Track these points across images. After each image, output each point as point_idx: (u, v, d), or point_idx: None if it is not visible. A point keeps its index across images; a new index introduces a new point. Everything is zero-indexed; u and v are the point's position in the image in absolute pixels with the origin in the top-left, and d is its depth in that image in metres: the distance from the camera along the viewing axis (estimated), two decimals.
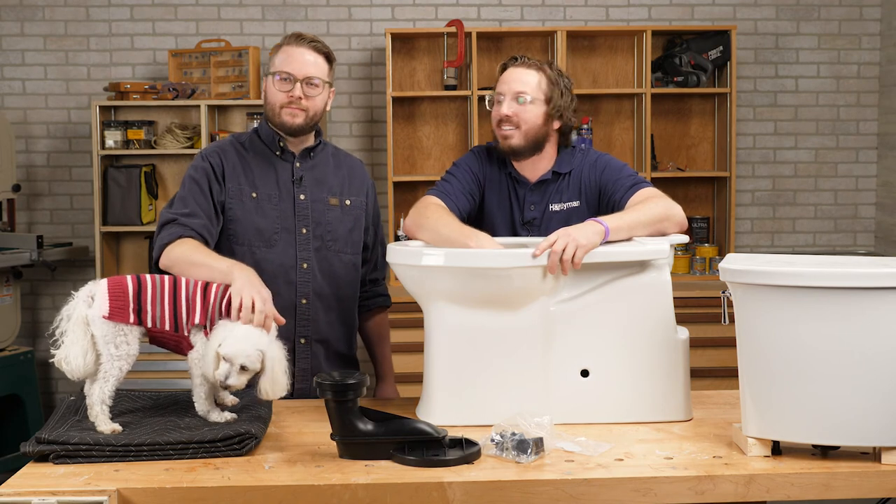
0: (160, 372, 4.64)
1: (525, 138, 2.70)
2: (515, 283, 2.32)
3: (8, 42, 5.42)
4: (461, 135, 5.46)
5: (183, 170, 5.34)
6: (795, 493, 2.01)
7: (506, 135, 2.70)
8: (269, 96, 2.71)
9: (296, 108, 2.67)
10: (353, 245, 2.79)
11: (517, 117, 2.68)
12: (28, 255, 4.95)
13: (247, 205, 2.68)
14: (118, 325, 2.16)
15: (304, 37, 2.70)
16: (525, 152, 2.72)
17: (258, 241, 2.67)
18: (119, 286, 2.19)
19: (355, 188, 2.82)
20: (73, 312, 2.17)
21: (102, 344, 2.16)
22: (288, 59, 2.67)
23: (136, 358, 2.20)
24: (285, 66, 2.67)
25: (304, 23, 5.42)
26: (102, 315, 2.15)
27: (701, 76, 5.24)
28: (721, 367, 4.66)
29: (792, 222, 5.62)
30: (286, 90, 2.66)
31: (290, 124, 2.69)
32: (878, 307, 1.98)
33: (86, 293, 2.18)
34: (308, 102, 2.67)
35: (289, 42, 2.70)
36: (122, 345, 2.16)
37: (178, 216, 2.58)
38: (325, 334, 2.74)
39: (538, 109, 2.69)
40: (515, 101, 2.69)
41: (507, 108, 2.69)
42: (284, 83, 2.66)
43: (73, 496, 1.91)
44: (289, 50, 2.68)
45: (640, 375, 2.38)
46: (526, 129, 2.69)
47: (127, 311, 2.17)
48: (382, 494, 1.96)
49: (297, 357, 2.69)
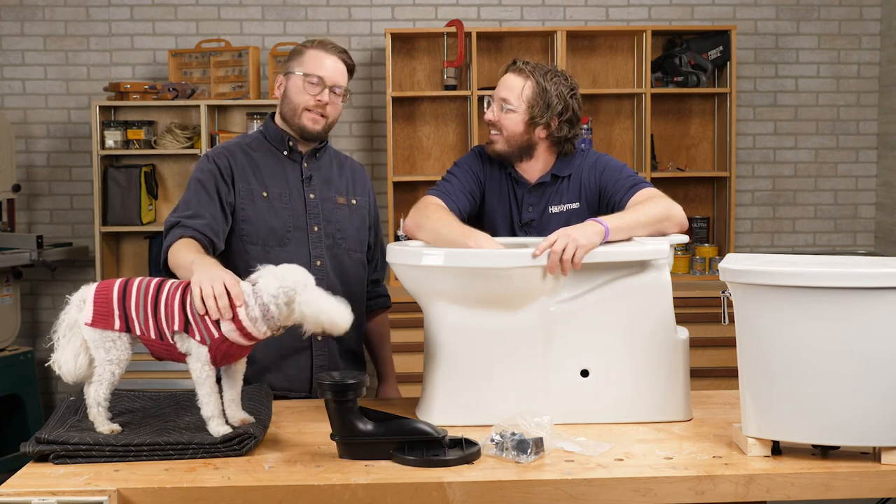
0: (160, 372, 4.65)
1: (508, 144, 2.71)
2: (515, 283, 2.32)
3: (8, 42, 5.42)
4: (461, 135, 5.46)
5: (183, 170, 5.34)
6: (795, 493, 2.01)
7: (491, 138, 2.74)
8: (292, 96, 2.70)
9: (318, 115, 2.69)
10: (361, 244, 2.81)
11: (499, 123, 2.70)
12: (28, 255, 4.95)
13: (258, 204, 2.68)
14: (105, 332, 2.15)
15: (332, 45, 2.71)
16: (511, 157, 2.73)
17: (272, 240, 2.67)
18: (104, 293, 2.16)
19: (359, 189, 2.85)
20: (66, 316, 2.18)
21: (93, 348, 2.16)
22: (319, 63, 2.67)
23: (129, 361, 2.18)
24: (317, 70, 2.67)
25: (304, 23, 5.42)
26: (85, 322, 2.15)
27: (701, 76, 5.24)
28: (721, 367, 4.66)
29: (792, 222, 5.62)
30: (314, 93, 2.67)
31: (310, 129, 2.70)
32: (878, 307, 1.98)
33: (79, 297, 2.18)
34: (330, 109, 2.70)
35: (317, 47, 2.70)
36: (111, 350, 2.15)
37: (180, 219, 2.58)
38: None
39: (518, 118, 2.68)
40: (499, 107, 2.70)
41: (489, 114, 2.72)
42: (313, 86, 2.67)
43: (73, 496, 1.91)
44: (319, 55, 2.68)
45: (640, 375, 2.38)
46: (507, 135, 2.70)
47: (111, 317, 2.14)
48: (382, 494, 1.96)
49: (315, 354, 2.71)
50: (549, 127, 2.69)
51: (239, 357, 2.22)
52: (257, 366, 2.61)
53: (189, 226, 2.56)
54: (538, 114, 2.67)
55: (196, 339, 2.15)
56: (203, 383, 2.16)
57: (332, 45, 2.72)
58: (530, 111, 2.67)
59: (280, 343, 2.64)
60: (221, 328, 2.13)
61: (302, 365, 2.70)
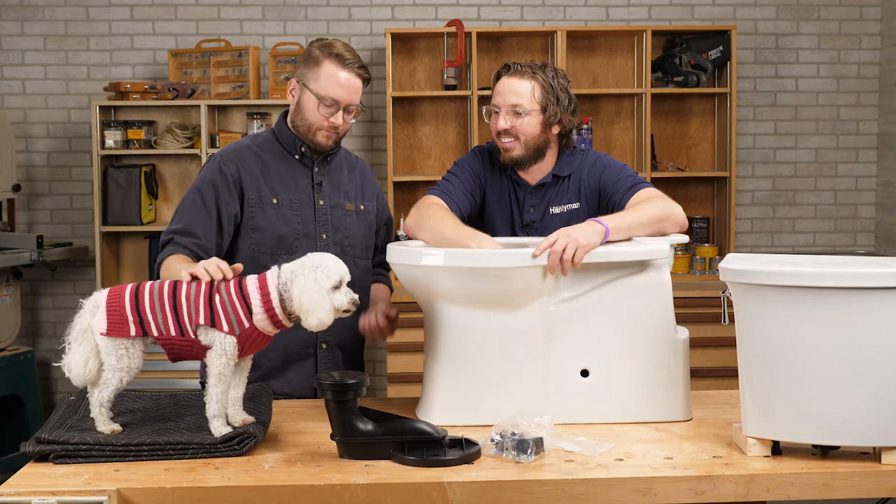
0: (160, 372, 4.65)
1: (526, 148, 2.69)
2: (515, 283, 2.32)
3: (8, 42, 5.42)
4: (461, 135, 5.46)
5: (183, 170, 5.34)
6: (795, 493, 2.01)
7: (507, 147, 2.70)
8: (306, 114, 2.64)
9: (332, 132, 2.65)
10: (367, 250, 2.80)
11: (515, 130, 2.67)
12: (28, 255, 4.95)
13: (268, 212, 2.66)
14: (118, 339, 2.15)
15: (349, 59, 2.61)
16: (527, 161, 2.72)
17: (280, 248, 2.65)
18: (117, 300, 2.16)
19: (367, 193, 2.83)
20: (80, 321, 2.18)
21: (104, 354, 2.16)
22: (335, 83, 2.59)
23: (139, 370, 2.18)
24: (332, 92, 2.59)
25: (304, 23, 5.42)
26: (101, 332, 2.14)
27: (701, 76, 5.24)
28: (721, 367, 4.66)
29: (792, 222, 5.62)
30: (328, 115, 2.62)
31: (324, 146, 2.68)
32: (878, 307, 1.98)
33: (92, 303, 2.18)
34: (344, 126, 2.66)
35: (333, 61, 2.60)
36: (122, 357, 2.15)
37: (173, 235, 2.59)
38: (344, 339, 2.75)
39: (535, 119, 2.67)
40: (511, 114, 2.67)
41: (503, 122, 2.68)
42: (328, 108, 2.61)
43: (73, 496, 1.91)
44: (335, 72, 2.59)
45: (640, 375, 2.38)
46: (525, 139, 2.68)
47: (126, 324, 2.14)
48: (382, 494, 1.96)
49: (319, 362, 2.71)
50: (562, 122, 2.70)
51: (262, 346, 2.23)
52: (261, 371, 2.61)
53: (180, 243, 2.56)
54: (552, 112, 2.67)
55: (224, 331, 2.14)
56: (219, 380, 2.16)
57: (349, 57, 2.61)
58: (545, 111, 2.67)
59: (285, 349, 2.64)
60: (253, 318, 2.15)
61: (305, 371, 2.70)
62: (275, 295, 2.17)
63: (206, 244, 2.59)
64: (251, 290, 2.17)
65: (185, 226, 2.60)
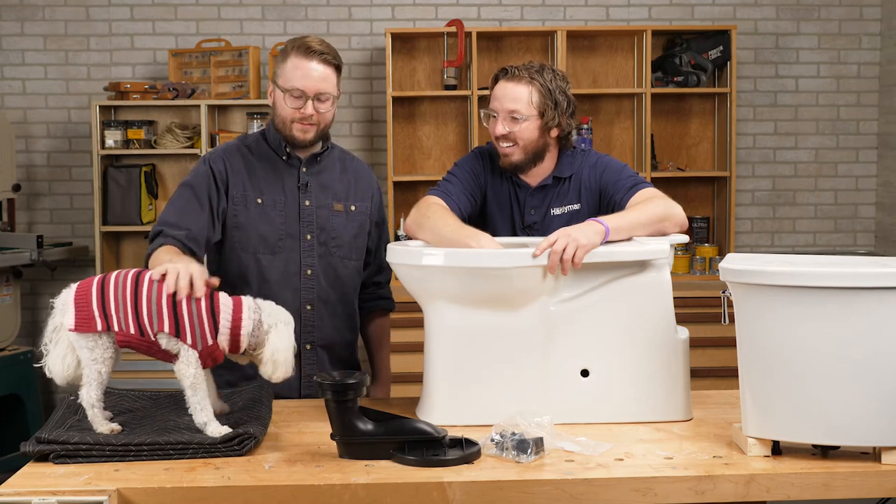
0: (160, 372, 4.64)
1: (525, 153, 2.69)
2: (515, 283, 2.32)
3: (8, 42, 5.42)
4: (461, 135, 5.46)
5: (183, 169, 5.34)
6: (795, 493, 2.01)
7: (505, 152, 2.69)
8: (278, 109, 2.66)
9: (307, 124, 2.64)
10: (358, 251, 2.79)
11: (513, 135, 2.67)
12: (28, 254, 4.95)
13: (251, 211, 2.66)
14: (86, 334, 2.15)
15: (312, 48, 2.60)
16: (526, 166, 2.71)
17: (262, 248, 2.66)
18: (84, 295, 2.15)
19: (360, 193, 2.80)
20: (52, 321, 2.19)
21: (78, 349, 2.16)
22: (298, 74, 2.60)
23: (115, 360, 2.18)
24: (296, 83, 2.60)
25: (304, 23, 5.42)
26: (69, 328, 2.14)
27: (701, 76, 5.24)
28: (721, 367, 4.66)
29: (792, 222, 5.62)
30: (297, 107, 2.61)
31: (301, 139, 2.66)
32: (878, 307, 1.98)
33: (61, 301, 2.18)
34: (319, 117, 2.64)
35: (297, 52, 2.61)
36: (94, 349, 2.14)
37: (162, 227, 2.59)
38: (330, 340, 2.74)
39: (533, 125, 2.66)
40: (509, 119, 2.66)
41: (501, 128, 2.67)
42: (295, 100, 2.61)
43: (73, 496, 1.91)
44: (299, 63, 2.60)
45: (640, 375, 2.38)
46: (524, 144, 2.67)
47: (93, 319, 2.13)
48: (382, 494, 1.96)
49: (304, 363, 2.69)
50: (561, 125, 2.70)
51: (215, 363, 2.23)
52: (244, 372, 2.56)
53: (170, 235, 2.56)
54: (550, 116, 2.66)
55: (188, 343, 2.15)
56: (197, 389, 2.17)
57: (313, 47, 2.60)
58: (543, 116, 2.66)
59: None
60: (218, 338, 2.16)
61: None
62: (247, 323, 2.18)
63: (196, 235, 2.59)
64: (223, 309, 2.18)
65: (175, 218, 2.60)
